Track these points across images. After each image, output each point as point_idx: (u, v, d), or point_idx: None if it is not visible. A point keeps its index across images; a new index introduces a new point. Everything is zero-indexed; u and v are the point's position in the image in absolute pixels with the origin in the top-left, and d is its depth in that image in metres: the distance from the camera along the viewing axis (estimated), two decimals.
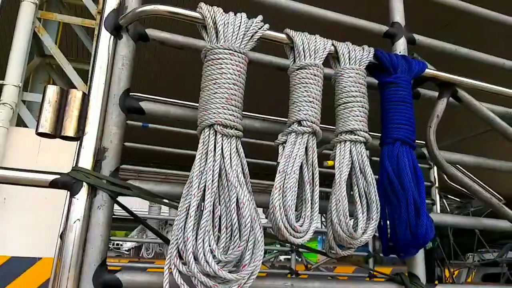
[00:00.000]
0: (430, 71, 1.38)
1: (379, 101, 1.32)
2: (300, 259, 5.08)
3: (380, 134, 1.27)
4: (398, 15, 1.55)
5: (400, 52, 1.49)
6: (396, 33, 1.52)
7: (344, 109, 1.18)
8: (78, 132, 1.06)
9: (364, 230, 1.11)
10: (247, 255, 0.95)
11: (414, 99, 1.50)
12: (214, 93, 1.03)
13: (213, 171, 1.00)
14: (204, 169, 1.00)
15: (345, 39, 1.27)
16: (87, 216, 1.02)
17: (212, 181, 0.99)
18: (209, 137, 1.02)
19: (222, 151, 1.02)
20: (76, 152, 1.06)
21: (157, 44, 1.25)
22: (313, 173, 1.10)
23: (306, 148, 1.10)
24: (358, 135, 1.16)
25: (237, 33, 1.09)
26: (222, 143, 1.02)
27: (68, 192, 1.03)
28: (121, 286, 1.01)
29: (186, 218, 0.96)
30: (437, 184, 4.84)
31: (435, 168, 4.97)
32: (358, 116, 1.17)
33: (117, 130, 1.09)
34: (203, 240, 0.94)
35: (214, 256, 0.94)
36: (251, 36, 1.11)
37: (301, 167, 1.09)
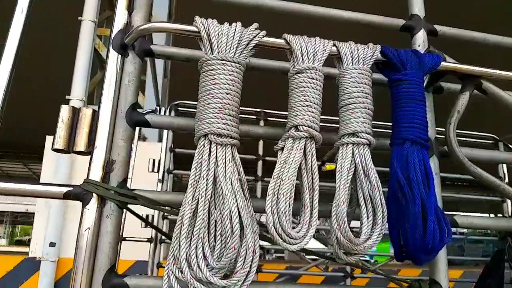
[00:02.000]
0: (448, 64, 1.30)
1: None
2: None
3: None
4: (417, 6, 1.47)
5: (419, 46, 1.41)
6: (415, 26, 1.44)
7: (346, 110, 1.15)
8: (88, 147, 1.15)
9: (368, 235, 1.08)
10: (239, 262, 0.97)
11: (436, 94, 1.43)
12: (208, 104, 1.06)
13: (207, 180, 1.02)
14: (198, 178, 1.03)
15: (370, 37, 1.23)
16: (97, 225, 1.09)
17: (206, 189, 1.02)
18: (204, 146, 1.05)
19: (216, 160, 1.04)
20: (88, 165, 1.14)
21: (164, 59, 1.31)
22: (312, 178, 1.09)
23: (305, 153, 1.09)
24: (361, 137, 1.12)
25: (231, 43, 1.10)
26: (216, 152, 1.05)
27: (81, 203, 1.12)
28: None
29: (181, 226, 1.00)
30: (507, 180, 4.44)
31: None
32: (360, 117, 1.13)
33: (124, 143, 1.16)
34: (196, 247, 0.97)
35: (207, 263, 0.97)
36: (247, 45, 1.12)
37: (300, 172, 1.09)
